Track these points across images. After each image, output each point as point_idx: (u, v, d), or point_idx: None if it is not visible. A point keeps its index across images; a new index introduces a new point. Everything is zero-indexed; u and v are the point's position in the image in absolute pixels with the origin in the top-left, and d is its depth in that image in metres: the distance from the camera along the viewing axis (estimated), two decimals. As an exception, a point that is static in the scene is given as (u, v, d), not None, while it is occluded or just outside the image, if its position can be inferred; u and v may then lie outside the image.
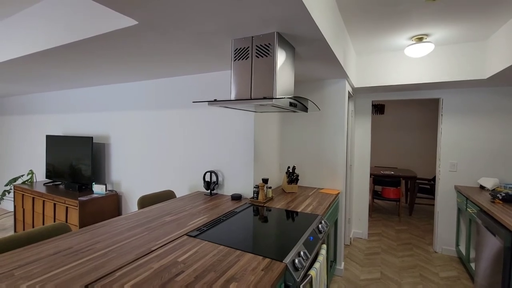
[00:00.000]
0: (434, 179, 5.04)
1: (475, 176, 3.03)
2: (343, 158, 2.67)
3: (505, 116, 2.89)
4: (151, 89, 2.91)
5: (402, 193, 4.53)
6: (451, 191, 3.14)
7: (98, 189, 3.10)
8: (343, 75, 2.47)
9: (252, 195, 2.22)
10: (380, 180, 4.40)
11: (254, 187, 2.18)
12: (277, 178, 2.83)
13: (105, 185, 3.12)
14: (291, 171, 2.50)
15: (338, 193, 2.57)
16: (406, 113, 5.65)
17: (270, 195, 2.26)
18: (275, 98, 1.31)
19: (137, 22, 1.32)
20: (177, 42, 1.64)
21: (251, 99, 1.43)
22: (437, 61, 2.68)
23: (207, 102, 1.48)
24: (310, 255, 1.35)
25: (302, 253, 1.28)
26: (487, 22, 2.11)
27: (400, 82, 2.85)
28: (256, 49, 1.48)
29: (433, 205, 4.82)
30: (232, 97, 1.55)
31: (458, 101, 3.07)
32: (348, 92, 2.88)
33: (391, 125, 5.77)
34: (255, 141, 2.31)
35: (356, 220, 3.63)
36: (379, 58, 2.93)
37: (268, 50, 1.44)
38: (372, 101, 3.58)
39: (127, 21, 1.35)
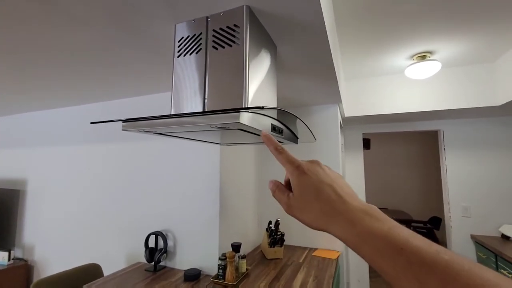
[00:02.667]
0: (430, 221, 4.51)
1: (494, 222, 2.49)
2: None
3: (518, 149, 2.49)
4: (83, 116, 2.19)
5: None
6: (467, 242, 2.55)
7: (-4, 259, 2.13)
8: (336, 98, 1.95)
9: (217, 271, 1.44)
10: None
11: (220, 259, 1.42)
12: (254, 235, 2.08)
13: (9, 251, 2.17)
14: (273, 227, 1.77)
15: (338, 256, 1.87)
16: (392, 147, 5.29)
17: (244, 270, 1.50)
18: (246, 109, 0.66)
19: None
20: (85, 30, 1.01)
21: (203, 113, 0.76)
22: (438, 86, 2.28)
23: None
24: None
25: None
26: (497, 39, 1.74)
27: (397, 111, 2.39)
28: (214, 36, 0.87)
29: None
30: (172, 111, 0.89)
31: (462, 132, 2.65)
32: (339, 122, 2.36)
33: (378, 161, 5.33)
34: (222, 187, 1.61)
35: (355, 282, 2.87)
36: (371, 83, 2.49)
37: (234, 36, 0.84)
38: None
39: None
